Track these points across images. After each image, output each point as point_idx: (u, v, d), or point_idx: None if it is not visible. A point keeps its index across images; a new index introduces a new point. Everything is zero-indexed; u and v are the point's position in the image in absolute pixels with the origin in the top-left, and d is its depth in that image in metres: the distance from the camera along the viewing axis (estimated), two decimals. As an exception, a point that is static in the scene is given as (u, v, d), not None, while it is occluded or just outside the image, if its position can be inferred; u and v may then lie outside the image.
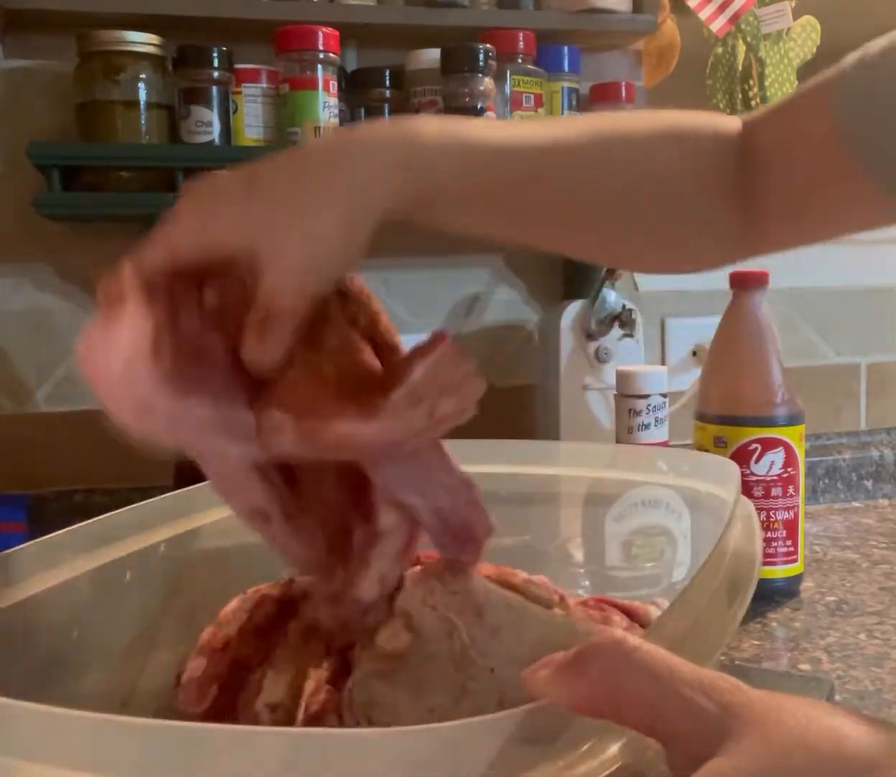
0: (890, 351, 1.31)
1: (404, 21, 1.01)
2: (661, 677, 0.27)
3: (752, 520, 0.50)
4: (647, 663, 0.28)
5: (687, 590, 0.38)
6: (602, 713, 0.29)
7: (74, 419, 1.02)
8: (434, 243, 1.12)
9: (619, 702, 0.28)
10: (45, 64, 0.98)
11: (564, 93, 1.08)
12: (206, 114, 0.94)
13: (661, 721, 0.27)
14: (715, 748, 0.26)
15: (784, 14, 1.27)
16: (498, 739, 0.28)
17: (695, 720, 0.27)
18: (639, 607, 0.53)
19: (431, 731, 0.27)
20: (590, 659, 0.29)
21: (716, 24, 1.17)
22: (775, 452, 0.83)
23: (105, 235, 1.01)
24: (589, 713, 0.29)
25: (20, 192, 0.96)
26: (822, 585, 0.89)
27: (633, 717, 0.28)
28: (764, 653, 0.74)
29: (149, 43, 0.91)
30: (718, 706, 0.27)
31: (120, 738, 0.28)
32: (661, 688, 0.27)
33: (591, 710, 0.29)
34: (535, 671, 0.30)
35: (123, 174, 0.92)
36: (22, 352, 1.00)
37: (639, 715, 0.28)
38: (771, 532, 0.84)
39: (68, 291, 1.01)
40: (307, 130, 0.95)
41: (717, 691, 0.27)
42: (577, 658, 0.29)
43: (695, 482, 0.60)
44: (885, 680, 0.68)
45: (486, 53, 0.99)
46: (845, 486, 1.25)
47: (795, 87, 0.54)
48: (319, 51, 0.94)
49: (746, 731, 0.26)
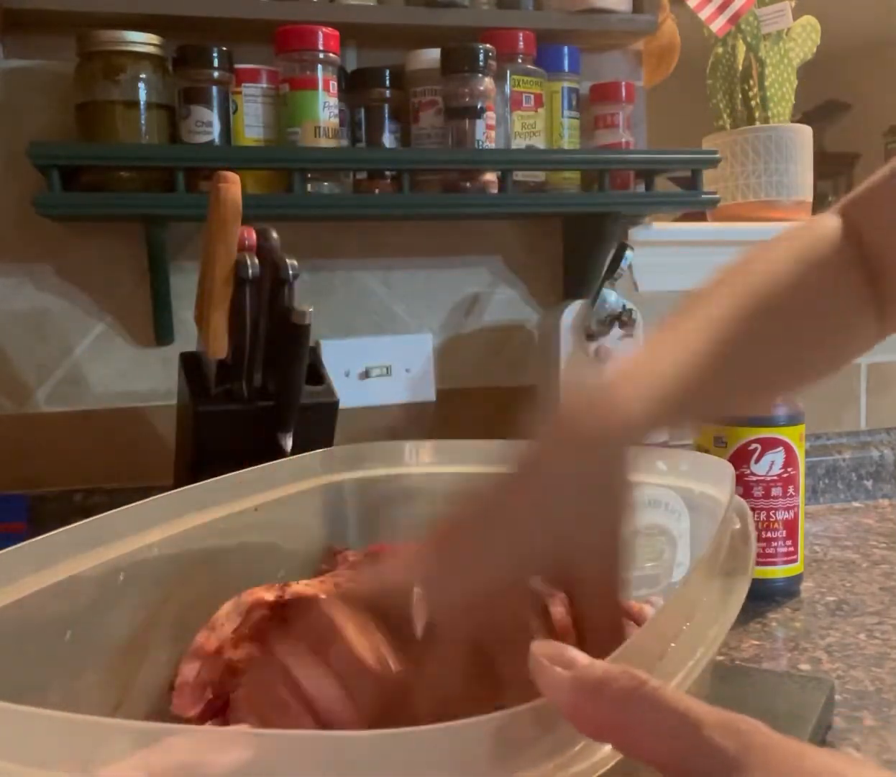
0: (890, 351, 1.31)
1: (404, 21, 1.02)
2: (682, 713, 0.27)
3: (747, 519, 0.50)
4: (668, 699, 0.27)
5: (682, 588, 0.38)
6: (606, 740, 0.28)
7: (74, 419, 1.02)
8: (434, 243, 1.12)
9: (632, 736, 0.28)
10: (45, 64, 0.98)
11: (564, 93, 1.08)
12: (206, 114, 0.94)
13: (679, 758, 0.27)
14: None
15: (784, 14, 1.27)
16: (491, 739, 0.28)
17: (713, 759, 0.26)
18: (633, 606, 0.53)
19: (425, 732, 0.27)
20: (611, 687, 0.28)
21: (716, 24, 1.17)
22: (775, 452, 0.83)
23: (105, 235, 1.01)
24: (591, 736, 0.29)
25: (20, 192, 0.96)
26: (822, 585, 0.89)
27: (644, 751, 0.28)
28: (764, 653, 0.74)
29: (149, 43, 0.91)
30: (738, 745, 0.26)
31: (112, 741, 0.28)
32: (680, 724, 0.27)
33: (596, 734, 0.28)
34: (548, 657, 0.30)
35: (123, 174, 0.92)
36: (22, 352, 1.00)
37: (651, 750, 0.27)
38: (771, 532, 0.84)
39: (68, 291, 1.01)
40: (307, 130, 0.95)
41: (738, 731, 0.27)
42: (599, 681, 0.28)
43: (691, 482, 0.60)
44: (885, 680, 0.68)
45: (486, 53, 0.99)
46: (845, 486, 1.25)
47: (884, 167, 0.56)
48: (319, 51, 0.94)
49: (763, 773, 0.26)
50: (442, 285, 1.13)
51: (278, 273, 0.79)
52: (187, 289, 0.92)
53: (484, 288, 1.14)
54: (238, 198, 0.75)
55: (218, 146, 0.95)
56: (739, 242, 0.60)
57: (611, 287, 1.08)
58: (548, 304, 1.15)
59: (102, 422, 1.03)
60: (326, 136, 0.96)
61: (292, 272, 0.79)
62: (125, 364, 1.03)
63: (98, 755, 0.27)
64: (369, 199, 1.01)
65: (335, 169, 0.99)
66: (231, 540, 0.59)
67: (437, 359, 1.12)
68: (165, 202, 0.93)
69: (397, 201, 1.00)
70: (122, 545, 0.51)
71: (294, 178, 0.95)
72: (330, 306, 1.08)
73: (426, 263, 1.12)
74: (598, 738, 0.29)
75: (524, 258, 1.15)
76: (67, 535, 0.48)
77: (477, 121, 0.99)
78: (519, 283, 1.16)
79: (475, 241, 1.14)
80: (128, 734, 0.28)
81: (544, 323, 1.14)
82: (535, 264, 1.16)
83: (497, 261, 1.15)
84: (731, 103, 1.34)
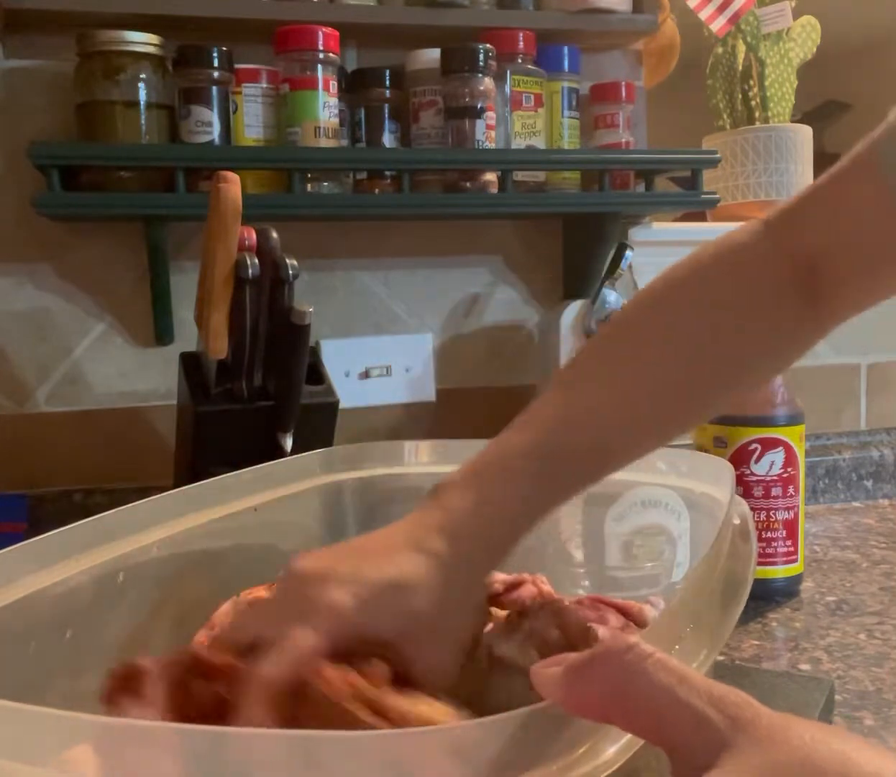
0: (890, 351, 1.31)
1: (404, 21, 1.01)
2: (672, 686, 0.27)
3: (747, 519, 0.50)
4: (659, 671, 0.28)
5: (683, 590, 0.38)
6: (607, 718, 0.29)
7: (74, 419, 1.02)
8: (434, 243, 1.12)
9: (626, 708, 0.28)
10: (45, 64, 0.98)
11: (564, 93, 1.08)
12: (206, 114, 0.94)
13: (667, 730, 0.27)
14: (716, 760, 0.26)
15: (784, 14, 1.27)
16: (496, 742, 0.28)
17: (701, 731, 0.27)
18: (633, 606, 0.53)
19: (430, 733, 0.27)
20: (601, 663, 0.29)
21: (716, 24, 1.17)
22: (775, 452, 0.83)
23: (105, 235, 1.01)
24: (594, 717, 0.29)
25: (20, 192, 0.96)
26: (822, 585, 0.89)
27: (639, 724, 0.28)
28: (764, 653, 0.74)
29: (149, 43, 0.91)
30: (726, 719, 0.27)
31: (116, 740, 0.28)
32: (670, 696, 0.27)
33: (597, 714, 0.29)
34: (545, 666, 0.30)
35: (123, 174, 0.92)
36: (22, 352, 1.00)
37: (645, 722, 0.28)
38: (771, 532, 0.84)
39: (68, 291, 1.01)
40: (307, 130, 0.95)
41: (726, 704, 0.27)
42: (588, 661, 0.29)
43: (691, 482, 0.60)
44: (885, 680, 0.68)
45: (486, 53, 0.99)
46: (845, 486, 1.25)
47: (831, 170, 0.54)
48: (319, 51, 0.94)
49: (750, 745, 0.26)
50: (442, 285, 1.13)
51: (278, 273, 0.79)
52: (187, 289, 0.92)
53: (484, 288, 1.14)
54: (238, 198, 0.75)
55: (218, 146, 0.95)
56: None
57: (611, 287, 1.08)
58: (548, 304, 1.15)
59: (102, 422, 1.03)
60: (326, 136, 0.96)
61: (292, 272, 0.79)
62: (125, 364, 1.03)
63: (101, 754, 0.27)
64: (369, 199, 1.01)
65: (335, 169, 0.99)
66: (230, 540, 0.59)
67: (437, 359, 1.12)
68: (165, 202, 0.93)
69: (397, 201, 1.00)
70: (120, 545, 0.51)
71: (294, 178, 0.95)
72: (330, 306, 1.08)
73: (426, 263, 1.12)
74: (596, 717, 0.29)
75: (524, 258, 1.15)
76: (64, 536, 0.48)
77: (477, 121, 0.99)
78: (519, 283, 1.16)
79: (475, 241, 1.14)
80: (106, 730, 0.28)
81: (544, 323, 1.14)
82: (535, 264, 1.16)
83: (497, 261, 1.15)
84: (731, 103, 1.34)
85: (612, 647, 0.29)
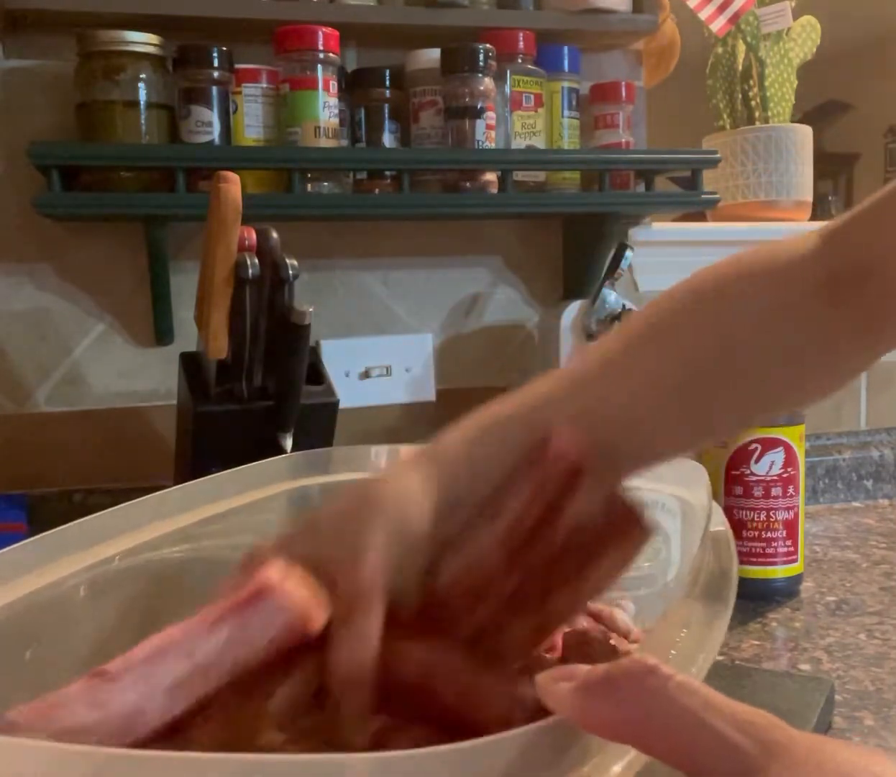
0: (890, 351, 1.31)
1: (404, 21, 1.01)
2: (697, 710, 0.26)
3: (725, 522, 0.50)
4: (682, 695, 0.27)
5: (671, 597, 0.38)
6: (624, 740, 0.28)
7: (74, 419, 1.02)
8: (434, 243, 1.12)
9: (648, 731, 0.27)
10: (45, 64, 0.98)
11: (564, 93, 1.08)
12: (206, 114, 0.94)
13: (695, 755, 0.26)
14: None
15: (784, 14, 1.27)
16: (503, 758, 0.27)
17: (730, 757, 0.26)
18: (603, 610, 0.53)
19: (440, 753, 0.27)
20: (619, 682, 0.28)
21: (716, 24, 1.17)
22: (775, 452, 0.83)
23: (105, 235, 1.01)
24: (608, 737, 0.28)
25: (20, 192, 0.96)
26: (822, 585, 0.89)
27: (662, 748, 0.27)
28: (764, 653, 0.74)
29: (149, 43, 0.91)
30: (756, 743, 0.26)
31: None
32: (696, 721, 0.26)
33: (614, 735, 0.28)
34: (552, 679, 0.29)
35: (123, 174, 0.92)
36: (22, 352, 1.00)
37: (669, 747, 0.27)
38: (771, 532, 0.84)
39: (68, 291, 1.01)
40: (307, 130, 0.95)
41: (757, 729, 0.26)
42: (605, 680, 0.28)
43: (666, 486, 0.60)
44: (885, 680, 0.68)
45: (486, 53, 0.99)
46: (845, 486, 1.25)
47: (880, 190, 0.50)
48: (319, 51, 0.94)
49: (785, 772, 0.25)
50: (442, 285, 1.13)
51: (278, 273, 0.79)
52: (187, 289, 0.92)
53: (484, 288, 1.14)
54: (238, 198, 0.75)
55: (218, 146, 0.95)
56: (739, 242, 0.60)
57: (611, 287, 1.08)
58: (548, 304, 1.15)
59: (102, 422, 1.03)
60: (326, 136, 0.96)
61: (292, 272, 0.79)
62: (125, 364, 1.03)
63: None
64: (369, 199, 1.01)
65: (335, 169, 0.99)
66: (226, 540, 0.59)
67: (437, 359, 1.12)
68: (165, 202, 0.93)
69: (397, 201, 1.00)
70: (84, 556, 0.49)
71: (294, 177, 0.95)
72: (330, 306, 1.08)
73: (426, 263, 1.12)
74: (614, 738, 0.28)
75: (524, 258, 1.15)
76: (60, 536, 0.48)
77: (477, 121, 0.99)
78: (519, 283, 1.16)
79: (475, 241, 1.14)
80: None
81: (544, 323, 1.14)
82: (535, 264, 1.16)
83: (497, 261, 1.15)
84: (731, 103, 1.34)
85: (631, 668, 0.28)
